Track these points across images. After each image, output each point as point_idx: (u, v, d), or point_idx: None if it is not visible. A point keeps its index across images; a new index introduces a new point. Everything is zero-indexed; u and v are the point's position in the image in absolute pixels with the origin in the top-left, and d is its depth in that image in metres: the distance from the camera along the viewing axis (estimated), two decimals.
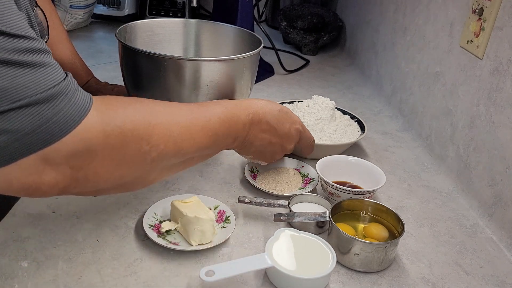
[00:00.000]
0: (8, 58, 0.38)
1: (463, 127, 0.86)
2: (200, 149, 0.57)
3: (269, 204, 0.71)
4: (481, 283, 0.64)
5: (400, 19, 1.19)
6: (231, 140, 0.64)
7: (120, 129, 0.47)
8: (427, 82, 1.02)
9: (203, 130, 0.57)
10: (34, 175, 0.43)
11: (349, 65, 1.51)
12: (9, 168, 0.41)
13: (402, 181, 0.87)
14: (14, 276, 0.56)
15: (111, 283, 0.57)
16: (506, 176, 0.73)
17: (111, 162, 0.48)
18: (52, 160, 0.43)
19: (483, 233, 0.74)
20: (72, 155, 0.44)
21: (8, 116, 0.38)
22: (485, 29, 0.80)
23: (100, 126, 0.45)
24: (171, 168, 0.57)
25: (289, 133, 0.72)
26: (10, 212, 0.67)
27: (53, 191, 0.45)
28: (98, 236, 0.64)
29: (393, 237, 0.66)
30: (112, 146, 0.47)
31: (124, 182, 0.52)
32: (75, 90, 0.44)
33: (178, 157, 0.55)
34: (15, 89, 0.38)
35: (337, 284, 0.61)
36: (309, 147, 0.80)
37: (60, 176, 0.44)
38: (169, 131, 0.52)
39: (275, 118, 0.68)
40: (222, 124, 0.60)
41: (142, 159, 0.50)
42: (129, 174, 0.51)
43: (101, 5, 1.69)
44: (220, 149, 0.64)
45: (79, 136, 0.43)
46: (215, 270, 0.55)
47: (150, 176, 0.55)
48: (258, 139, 0.68)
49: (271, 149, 0.72)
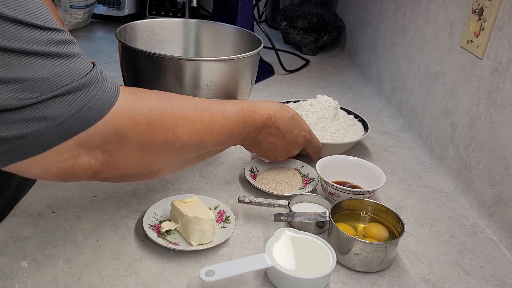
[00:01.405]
0: (45, 50, 0.40)
1: (463, 127, 0.86)
2: (216, 144, 0.61)
3: (269, 204, 0.71)
4: (481, 283, 0.64)
5: (400, 19, 1.19)
6: (242, 138, 0.68)
7: (148, 118, 0.50)
8: (427, 82, 1.02)
9: (222, 127, 0.61)
10: (70, 159, 0.45)
11: (349, 65, 1.51)
12: (48, 154, 0.43)
13: (402, 181, 0.87)
14: (14, 276, 0.56)
15: (111, 283, 0.57)
16: (506, 176, 0.73)
17: (140, 149, 0.51)
18: (87, 145, 0.46)
19: (483, 233, 0.74)
20: (104, 140, 0.47)
21: (48, 104, 0.40)
22: (485, 29, 0.80)
23: (129, 114, 0.48)
24: (190, 160, 0.61)
25: (296, 140, 0.76)
26: (10, 212, 0.67)
27: (86, 175, 0.48)
28: (98, 236, 0.64)
29: (393, 237, 0.66)
30: (141, 134, 0.50)
31: (149, 171, 0.55)
32: (104, 77, 0.46)
33: (198, 150, 0.59)
34: (53, 78, 0.40)
35: (337, 284, 0.61)
36: (316, 154, 0.84)
37: (93, 160, 0.47)
38: (193, 124, 0.56)
39: (285, 125, 0.72)
40: (238, 124, 0.64)
41: (168, 149, 0.54)
42: (154, 163, 0.54)
43: (101, 5, 1.69)
44: (231, 145, 0.68)
45: (111, 122, 0.46)
46: (215, 270, 0.55)
47: (171, 166, 0.58)
48: (266, 142, 0.72)
49: (276, 152, 0.76)
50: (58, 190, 0.72)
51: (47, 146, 0.42)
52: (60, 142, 0.43)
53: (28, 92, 0.39)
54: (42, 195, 0.71)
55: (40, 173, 0.45)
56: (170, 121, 0.53)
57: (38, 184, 0.73)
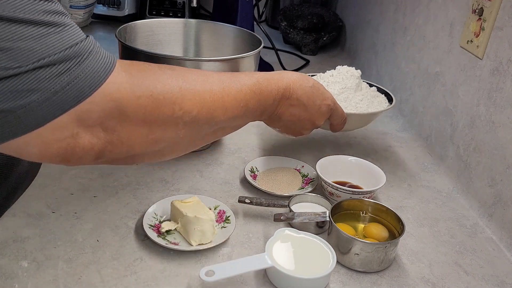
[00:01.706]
0: (32, 18, 0.38)
1: (463, 127, 0.86)
2: (230, 118, 0.57)
3: (269, 204, 0.71)
4: (481, 283, 0.64)
5: (400, 19, 1.19)
6: (260, 113, 0.63)
7: (151, 91, 0.47)
8: (427, 82, 1.02)
9: (235, 100, 0.57)
10: (69, 138, 0.43)
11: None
12: (43, 131, 0.41)
13: (402, 181, 0.87)
14: (14, 276, 0.56)
15: (111, 283, 0.57)
16: (506, 176, 0.73)
17: (144, 125, 0.48)
18: (85, 121, 0.43)
19: (483, 233, 0.74)
20: (104, 116, 0.44)
21: (36, 75, 0.39)
22: (485, 29, 0.80)
23: (130, 87, 0.46)
24: (203, 137, 0.57)
25: (319, 110, 0.70)
26: (10, 212, 0.67)
27: (89, 156, 0.45)
28: (98, 236, 0.64)
29: (393, 237, 0.66)
30: (144, 108, 0.47)
31: (158, 149, 0.52)
32: (98, 48, 0.44)
33: (210, 124, 0.55)
34: (41, 48, 0.39)
35: (337, 284, 0.61)
36: (340, 124, 0.78)
37: (95, 139, 0.45)
38: (201, 97, 0.52)
39: (306, 95, 0.67)
40: (253, 96, 0.60)
41: (175, 124, 0.50)
42: (162, 139, 0.51)
43: (101, 5, 1.69)
44: (248, 121, 0.64)
45: (109, 96, 0.44)
46: (215, 270, 0.55)
47: (183, 143, 0.55)
48: (286, 114, 0.67)
49: (300, 125, 0.70)
50: (58, 190, 0.73)
51: (41, 122, 0.40)
52: (54, 117, 0.41)
53: (15, 62, 0.37)
54: (42, 195, 0.71)
55: (39, 153, 0.43)
56: (176, 94, 0.49)
57: (38, 184, 0.73)
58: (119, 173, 0.78)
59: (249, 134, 0.97)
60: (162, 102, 0.48)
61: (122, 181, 0.77)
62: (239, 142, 0.94)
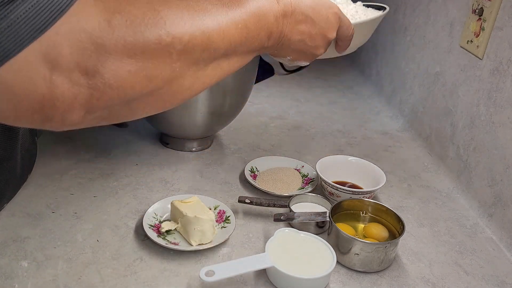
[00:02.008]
0: None
1: (463, 127, 0.86)
2: (231, 44, 0.51)
3: (269, 204, 0.71)
4: (481, 283, 0.64)
5: (400, 19, 1.19)
6: (265, 35, 0.57)
7: (127, 17, 0.41)
8: (427, 82, 1.02)
9: (232, 21, 0.51)
10: (42, 87, 0.37)
11: (349, 65, 1.51)
12: (6, 75, 0.35)
13: (402, 181, 0.87)
14: (14, 276, 0.56)
15: (111, 283, 0.57)
16: (506, 176, 0.73)
17: (130, 60, 0.41)
18: (56, 62, 0.37)
19: (483, 233, 0.74)
20: (78, 54, 0.38)
21: None
22: (485, 29, 0.80)
23: (101, 15, 0.39)
24: (207, 73, 0.51)
25: (328, 20, 0.64)
26: (10, 212, 0.67)
27: (75, 110, 0.39)
28: (98, 236, 0.64)
29: (393, 237, 0.66)
30: (123, 39, 0.40)
31: (155, 88, 0.45)
32: None
33: (209, 51, 0.49)
34: None
35: (337, 284, 0.61)
36: (348, 38, 0.70)
37: (76, 87, 0.38)
38: (191, 19, 0.46)
39: (309, 7, 0.62)
40: (250, 15, 0.54)
41: (166, 53, 0.44)
42: (156, 75, 0.44)
43: None
44: (255, 48, 0.57)
45: (77, 27, 0.37)
46: (215, 270, 0.55)
47: (185, 81, 0.48)
48: (295, 33, 0.61)
49: (312, 44, 0.64)
50: (58, 190, 0.73)
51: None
52: (12, 54, 0.34)
53: None
54: (42, 195, 0.71)
55: (11, 109, 0.37)
56: (158, 17, 0.43)
57: (38, 184, 0.73)
58: (119, 173, 0.78)
59: (249, 134, 0.97)
60: (144, 28, 0.42)
61: (122, 181, 0.77)
62: (239, 142, 0.94)
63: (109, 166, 0.80)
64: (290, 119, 1.08)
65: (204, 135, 0.87)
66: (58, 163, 0.79)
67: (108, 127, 0.92)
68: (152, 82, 0.44)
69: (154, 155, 0.85)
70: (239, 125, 1.00)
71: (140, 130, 0.93)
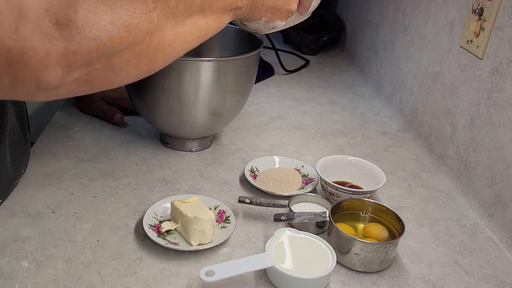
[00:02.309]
0: None
1: (463, 127, 0.86)
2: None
3: (269, 204, 0.71)
4: (481, 283, 0.64)
5: (400, 19, 1.19)
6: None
7: None
8: (427, 82, 1.02)
9: None
10: (7, 39, 0.33)
11: (349, 65, 1.51)
12: None
13: (402, 181, 0.87)
14: (14, 276, 0.56)
15: (111, 283, 0.57)
16: (506, 176, 0.73)
17: (104, 8, 0.38)
18: (22, 9, 0.33)
19: (483, 233, 0.74)
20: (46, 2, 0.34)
21: None
22: (485, 29, 0.80)
23: None
24: (186, 30, 0.49)
25: None
26: (10, 212, 0.67)
27: (48, 67, 0.36)
28: (98, 236, 0.64)
29: (393, 237, 0.66)
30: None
31: (135, 41, 0.42)
32: None
33: (184, 1, 0.47)
34: None
35: (337, 284, 0.61)
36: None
37: (47, 39, 0.35)
38: None
39: None
40: None
41: (142, 1, 0.42)
42: (133, 25, 0.41)
43: None
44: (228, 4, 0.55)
45: None
46: (215, 270, 0.55)
47: (165, 35, 0.46)
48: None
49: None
50: (58, 190, 0.73)
51: None
52: None
53: None
54: (42, 195, 0.71)
55: None
56: None
57: (38, 184, 0.73)
58: (119, 173, 0.78)
59: (249, 134, 0.98)
60: None
61: (122, 181, 0.77)
62: (239, 142, 0.94)
63: (109, 166, 0.80)
64: (290, 119, 1.08)
65: (204, 135, 0.87)
66: (58, 163, 0.79)
67: (108, 127, 0.92)
68: (131, 33, 0.41)
69: (154, 155, 0.85)
70: (239, 125, 1.00)
71: (140, 130, 0.93)
